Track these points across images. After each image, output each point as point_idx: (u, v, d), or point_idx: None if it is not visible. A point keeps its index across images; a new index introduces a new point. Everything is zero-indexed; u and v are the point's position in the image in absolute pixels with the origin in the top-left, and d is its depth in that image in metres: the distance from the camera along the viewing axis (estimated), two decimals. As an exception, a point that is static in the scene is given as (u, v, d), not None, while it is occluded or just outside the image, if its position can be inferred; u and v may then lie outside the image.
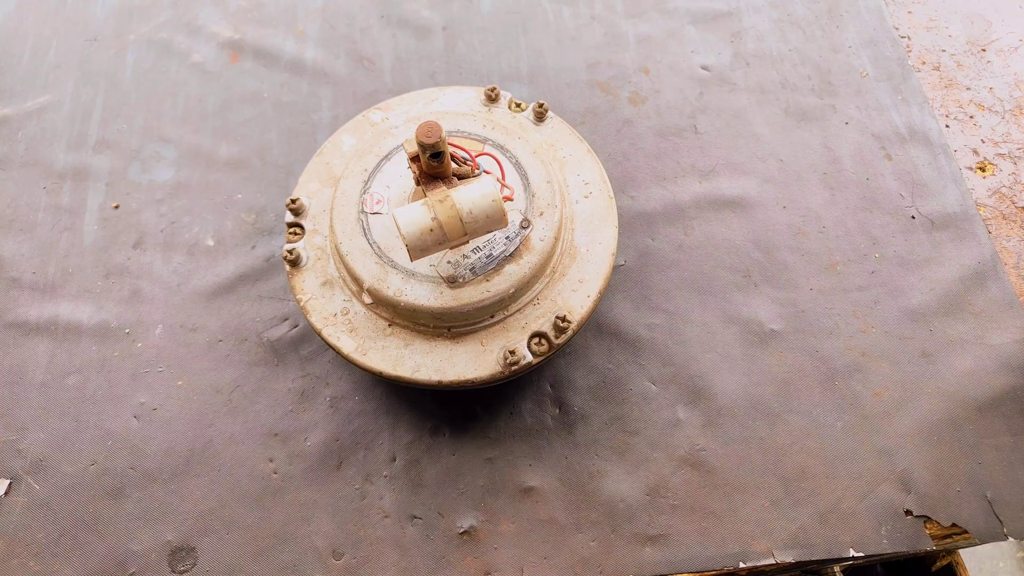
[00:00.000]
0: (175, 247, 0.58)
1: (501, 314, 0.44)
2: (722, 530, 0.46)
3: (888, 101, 0.63)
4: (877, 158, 0.60)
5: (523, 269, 0.44)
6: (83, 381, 0.52)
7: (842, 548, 0.45)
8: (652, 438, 0.49)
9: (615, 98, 0.64)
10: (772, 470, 0.48)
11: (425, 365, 0.44)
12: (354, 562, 0.46)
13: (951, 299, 0.54)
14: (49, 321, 0.54)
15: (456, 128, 0.49)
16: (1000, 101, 0.64)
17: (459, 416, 0.50)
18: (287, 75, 0.66)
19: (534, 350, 0.44)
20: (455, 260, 0.43)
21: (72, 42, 0.69)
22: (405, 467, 0.49)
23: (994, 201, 0.59)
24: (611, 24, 0.69)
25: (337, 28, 0.69)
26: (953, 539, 0.46)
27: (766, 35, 0.68)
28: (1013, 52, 0.66)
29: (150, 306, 0.55)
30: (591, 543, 0.46)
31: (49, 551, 0.46)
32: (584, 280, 0.46)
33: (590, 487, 0.48)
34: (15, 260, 0.57)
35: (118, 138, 0.63)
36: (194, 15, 0.70)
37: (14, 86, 0.66)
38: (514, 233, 0.44)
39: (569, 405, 0.50)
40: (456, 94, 0.54)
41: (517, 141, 0.48)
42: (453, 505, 0.47)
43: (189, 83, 0.66)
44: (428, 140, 0.38)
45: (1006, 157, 0.61)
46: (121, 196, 0.60)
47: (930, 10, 0.69)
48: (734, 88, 0.64)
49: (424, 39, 0.68)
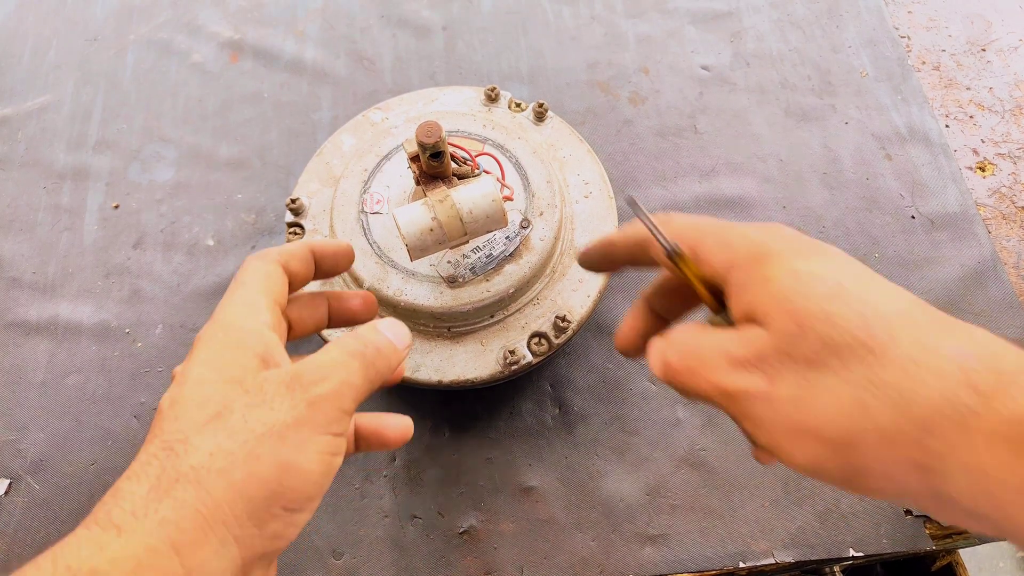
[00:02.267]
0: (175, 247, 0.58)
1: (501, 314, 0.44)
2: (722, 530, 0.46)
3: (888, 101, 0.63)
4: (877, 158, 0.60)
5: (523, 269, 0.44)
6: (83, 381, 0.52)
7: (842, 548, 0.45)
8: (652, 438, 0.49)
9: (615, 98, 0.64)
10: (772, 470, 0.48)
11: (425, 365, 0.44)
12: (354, 562, 0.46)
13: (951, 299, 0.54)
14: (49, 321, 0.54)
15: (456, 128, 0.49)
16: (1000, 101, 0.64)
17: (459, 416, 0.50)
18: (287, 75, 0.66)
19: (534, 350, 0.44)
20: (455, 260, 0.43)
21: (72, 42, 0.69)
22: (405, 467, 0.49)
23: (994, 201, 0.59)
24: (611, 24, 0.69)
25: (337, 28, 0.69)
26: (953, 539, 0.46)
27: (766, 35, 0.68)
28: (1013, 52, 0.66)
29: (150, 306, 0.55)
30: (591, 543, 0.46)
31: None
32: (584, 280, 0.46)
33: (590, 487, 0.48)
34: (15, 260, 0.57)
35: (118, 138, 0.63)
36: (194, 15, 0.70)
37: (14, 86, 0.66)
38: (514, 233, 0.44)
39: (569, 405, 0.50)
40: (456, 94, 0.54)
41: (517, 141, 0.48)
42: (453, 505, 0.47)
43: (189, 83, 0.66)
44: (428, 140, 0.38)
45: (1006, 157, 0.61)
46: (121, 196, 0.60)
47: (930, 10, 0.69)
48: (734, 88, 0.64)
49: (424, 39, 0.68)
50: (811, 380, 0.21)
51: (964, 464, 0.19)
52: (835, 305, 0.22)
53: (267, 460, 0.22)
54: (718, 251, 0.25)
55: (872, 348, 0.21)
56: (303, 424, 0.23)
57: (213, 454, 0.22)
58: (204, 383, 0.24)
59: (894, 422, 0.20)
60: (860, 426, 0.20)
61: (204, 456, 0.22)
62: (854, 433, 0.20)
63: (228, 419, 0.23)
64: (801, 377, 0.21)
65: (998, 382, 0.19)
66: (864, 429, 0.20)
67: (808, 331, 0.21)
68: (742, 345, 0.23)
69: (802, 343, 0.21)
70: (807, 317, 0.22)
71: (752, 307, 0.23)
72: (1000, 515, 0.19)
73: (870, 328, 0.21)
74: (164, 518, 0.21)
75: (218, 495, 0.21)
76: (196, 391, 0.24)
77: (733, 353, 0.23)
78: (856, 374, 0.20)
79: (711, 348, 0.24)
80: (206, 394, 0.24)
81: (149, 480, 0.21)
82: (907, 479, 0.20)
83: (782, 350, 0.22)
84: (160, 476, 0.21)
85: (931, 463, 0.19)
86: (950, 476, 0.19)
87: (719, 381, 0.23)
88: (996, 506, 0.19)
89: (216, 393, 0.24)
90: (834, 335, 0.21)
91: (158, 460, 0.22)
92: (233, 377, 0.24)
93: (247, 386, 0.24)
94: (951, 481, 0.19)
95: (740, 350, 0.23)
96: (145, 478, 0.22)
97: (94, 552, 0.20)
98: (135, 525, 0.20)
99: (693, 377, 0.24)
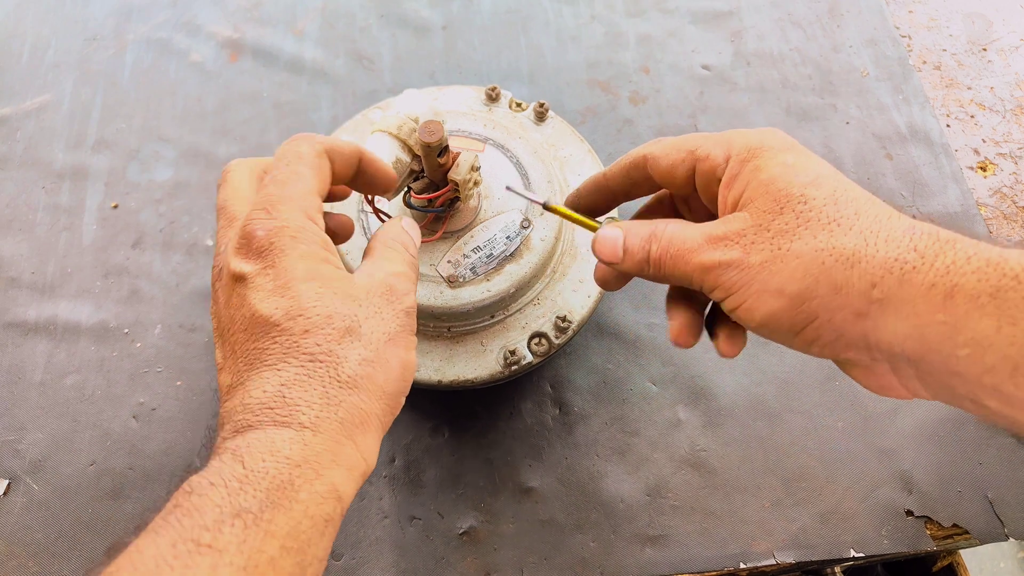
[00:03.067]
0: (174, 247, 0.57)
1: (501, 314, 0.44)
2: (723, 530, 0.46)
3: (889, 101, 0.63)
4: (878, 158, 0.60)
5: (523, 269, 0.44)
6: (82, 381, 0.52)
7: (843, 548, 0.45)
8: (652, 438, 0.49)
9: (616, 97, 0.64)
10: (773, 470, 0.48)
11: (424, 365, 0.43)
12: (353, 563, 0.46)
13: (952, 299, 0.54)
14: (48, 321, 0.54)
15: (456, 127, 0.48)
16: (1001, 101, 0.63)
17: (459, 416, 0.50)
18: (286, 74, 0.66)
19: (534, 350, 0.44)
20: (455, 260, 0.43)
21: (71, 42, 0.69)
22: (405, 467, 0.49)
23: (995, 201, 0.58)
24: (611, 23, 0.68)
25: (336, 27, 0.69)
26: (954, 539, 0.46)
27: (767, 34, 0.67)
28: (1014, 52, 0.66)
29: (149, 306, 0.55)
30: (591, 543, 0.46)
31: (48, 551, 0.46)
32: (585, 280, 0.46)
33: (590, 488, 0.47)
34: (14, 260, 0.57)
35: (117, 138, 0.63)
36: (193, 15, 0.70)
37: (13, 86, 0.66)
38: (515, 233, 0.44)
39: (569, 405, 0.50)
40: (456, 93, 0.54)
41: (517, 141, 0.48)
42: (453, 506, 0.47)
43: (188, 83, 0.66)
44: (432, 140, 0.38)
45: (1007, 157, 0.60)
46: (120, 196, 0.60)
47: (931, 9, 0.69)
48: (735, 87, 0.64)
49: (424, 38, 0.68)
50: (782, 248, 0.25)
51: (899, 310, 0.23)
52: (811, 189, 0.26)
53: (395, 363, 0.27)
54: (718, 149, 0.29)
55: (839, 221, 0.25)
56: (405, 330, 0.29)
57: (362, 363, 0.26)
58: (320, 299, 0.27)
59: (846, 276, 0.24)
60: (816, 280, 0.24)
61: (355, 366, 0.26)
62: (811, 287, 0.24)
63: (358, 332, 0.27)
64: (774, 246, 0.25)
65: (936, 246, 0.23)
66: (819, 282, 0.24)
67: (786, 209, 0.26)
68: (722, 226, 0.27)
69: (779, 219, 0.26)
70: (788, 199, 0.26)
71: (741, 192, 0.28)
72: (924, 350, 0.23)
73: (839, 207, 0.25)
74: (343, 419, 0.25)
75: (371, 396, 0.26)
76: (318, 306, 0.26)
77: (713, 234, 0.27)
78: (821, 241, 0.24)
79: (694, 234, 0.28)
80: (328, 311, 0.27)
81: (317, 389, 0.25)
82: (845, 325, 0.24)
83: (760, 226, 0.26)
84: (327, 385, 0.25)
85: (870, 310, 0.23)
86: (883, 321, 0.23)
87: (700, 259, 0.27)
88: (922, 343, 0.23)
89: (337, 311, 0.27)
90: (808, 212, 0.25)
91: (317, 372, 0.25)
92: (342, 291, 0.28)
93: (359, 300, 0.28)
94: (883, 326, 0.23)
95: (720, 230, 0.27)
96: (311, 387, 0.25)
97: (302, 448, 0.24)
98: (324, 425, 0.25)
99: (675, 261, 0.28)
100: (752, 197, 0.27)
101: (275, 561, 0.21)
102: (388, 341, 0.27)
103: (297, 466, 0.23)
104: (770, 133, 0.29)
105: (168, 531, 0.21)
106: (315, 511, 0.23)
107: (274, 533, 0.22)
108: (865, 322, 0.24)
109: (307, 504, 0.23)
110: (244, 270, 0.27)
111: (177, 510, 0.22)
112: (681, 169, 0.31)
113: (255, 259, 0.27)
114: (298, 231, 0.27)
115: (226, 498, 0.22)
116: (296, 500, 0.23)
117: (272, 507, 0.22)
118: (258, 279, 0.27)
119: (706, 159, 0.29)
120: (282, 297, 0.26)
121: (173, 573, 0.20)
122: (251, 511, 0.22)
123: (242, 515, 0.22)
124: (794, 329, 0.25)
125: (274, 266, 0.27)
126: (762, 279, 0.25)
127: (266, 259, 0.27)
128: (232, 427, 0.24)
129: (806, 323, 0.25)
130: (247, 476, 0.22)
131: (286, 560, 0.22)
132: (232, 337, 0.27)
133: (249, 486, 0.22)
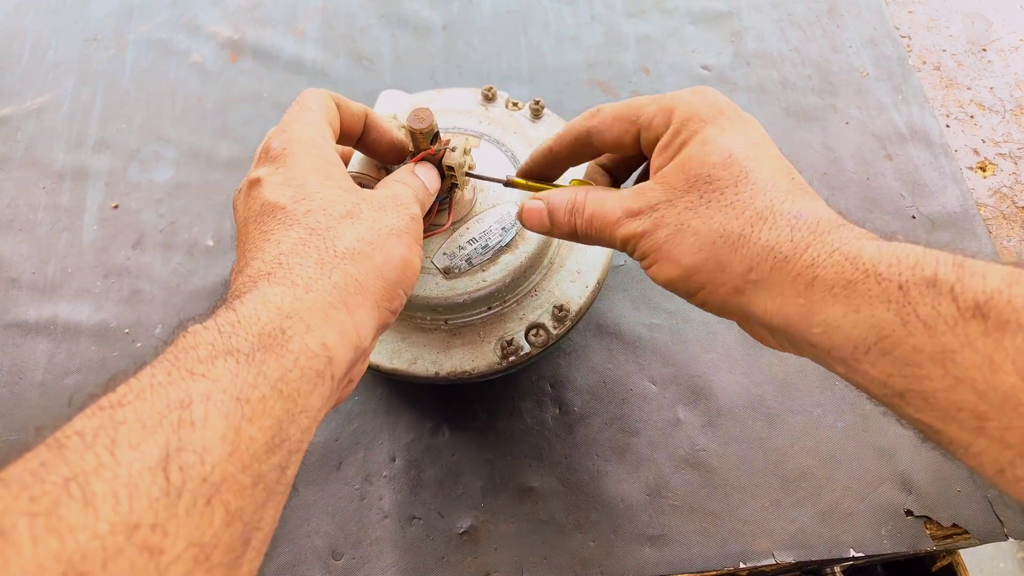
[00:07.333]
0: (174, 247, 0.57)
1: (498, 305, 0.44)
2: (722, 530, 0.46)
3: (888, 101, 0.63)
4: (877, 158, 0.60)
5: (519, 259, 0.44)
6: (82, 381, 0.52)
7: (842, 548, 0.45)
8: (652, 438, 0.49)
9: (615, 97, 0.64)
10: (772, 470, 0.48)
11: (422, 358, 0.43)
12: (353, 562, 0.46)
13: (952, 299, 0.54)
14: (48, 321, 0.54)
15: (452, 124, 0.49)
16: (1001, 101, 0.63)
17: (459, 416, 0.50)
18: (286, 75, 0.66)
19: (532, 341, 0.43)
20: (450, 251, 0.43)
21: (71, 42, 0.69)
22: (405, 467, 0.49)
23: (995, 201, 0.58)
24: (611, 24, 0.68)
25: (336, 28, 0.69)
26: (953, 539, 0.46)
27: (766, 35, 0.67)
28: (1014, 52, 0.66)
29: (149, 306, 0.55)
30: (591, 543, 0.46)
31: (48, 551, 0.46)
32: (582, 271, 0.46)
33: (590, 487, 0.48)
34: (14, 260, 0.57)
35: (117, 138, 0.63)
36: (193, 15, 0.70)
37: (13, 86, 0.66)
38: (510, 224, 0.44)
39: (569, 405, 0.50)
40: (454, 95, 0.54)
41: (513, 136, 0.48)
42: (453, 505, 0.47)
43: (188, 83, 0.66)
44: (421, 126, 0.37)
45: (1007, 157, 0.60)
46: (120, 196, 0.60)
47: (930, 10, 0.69)
48: (734, 88, 0.64)
49: (424, 39, 0.68)
50: (684, 223, 0.29)
51: (769, 291, 0.27)
52: (718, 170, 0.29)
53: (394, 253, 0.29)
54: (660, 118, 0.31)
55: (735, 205, 0.28)
56: (409, 232, 0.30)
57: (359, 241, 0.28)
58: (324, 188, 0.29)
59: (729, 258, 0.27)
60: (707, 257, 0.28)
61: (352, 241, 0.27)
62: (702, 261, 0.28)
63: (360, 218, 0.29)
64: (679, 221, 0.29)
65: (811, 237, 0.26)
66: (708, 259, 0.28)
67: (693, 189, 0.29)
68: (638, 200, 0.30)
69: (687, 196, 0.29)
70: (697, 178, 0.29)
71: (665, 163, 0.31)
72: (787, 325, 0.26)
73: (739, 189, 0.28)
74: (336, 283, 0.26)
75: (367, 272, 0.27)
76: (321, 193, 0.29)
77: (630, 207, 0.30)
78: (716, 222, 0.28)
79: (613, 207, 0.31)
80: (331, 197, 0.29)
81: (312, 256, 0.26)
82: (727, 297, 0.28)
83: (670, 201, 0.29)
84: (322, 253, 0.27)
85: (746, 288, 0.27)
86: (756, 298, 0.27)
87: (622, 232, 0.31)
88: (785, 320, 0.26)
89: (339, 198, 0.29)
90: (711, 192, 0.28)
91: (313, 242, 0.27)
92: (348, 187, 0.30)
93: (363, 196, 0.30)
94: (756, 303, 0.27)
95: (636, 203, 0.30)
96: (307, 254, 0.26)
97: (293, 301, 0.25)
98: (316, 286, 0.25)
99: (601, 233, 0.32)
100: (670, 172, 0.30)
101: (266, 400, 0.22)
102: (391, 233, 0.29)
103: (288, 317, 0.24)
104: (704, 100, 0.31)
105: (163, 363, 0.22)
106: (305, 363, 0.23)
107: (266, 375, 0.22)
108: (742, 297, 0.28)
109: (297, 355, 0.23)
110: (260, 174, 0.30)
111: (171, 348, 0.23)
112: (627, 139, 0.33)
113: (270, 164, 0.30)
114: (309, 141, 0.30)
115: (218, 338, 0.23)
116: (287, 349, 0.23)
117: (263, 350, 0.23)
118: (271, 177, 0.29)
119: (649, 128, 0.32)
120: (289, 187, 0.29)
121: (168, 393, 0.21)
122: (242, 351, 0.22)
123: (234, 354, 0.22)
124: (688, 293, 0.30)
125: (285, 166, 0.29)
126: (666, 249, 0.29)
127: (279, 162, 0.30)
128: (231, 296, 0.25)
129: (697, 290, 0.29)
130: (239, 321, 0.23)
131: (276, 404, 0.22)
132: (245, 229, 0.29)
133: (241, 329, 0.23)
